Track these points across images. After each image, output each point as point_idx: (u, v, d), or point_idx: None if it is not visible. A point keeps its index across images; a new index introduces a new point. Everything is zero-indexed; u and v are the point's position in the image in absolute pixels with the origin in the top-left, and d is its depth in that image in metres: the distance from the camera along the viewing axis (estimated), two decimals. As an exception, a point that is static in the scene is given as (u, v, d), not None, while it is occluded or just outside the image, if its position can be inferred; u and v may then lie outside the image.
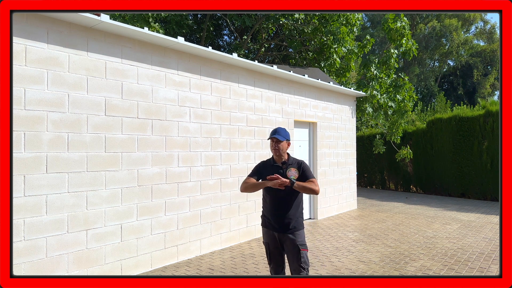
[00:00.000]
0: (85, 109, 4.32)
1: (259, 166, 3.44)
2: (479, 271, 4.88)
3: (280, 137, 3.27)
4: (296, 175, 3.24)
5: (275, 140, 3.30)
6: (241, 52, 12.21)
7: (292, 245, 3.21)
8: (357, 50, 12.36)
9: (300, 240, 3.23)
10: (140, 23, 10.34)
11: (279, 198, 3.25)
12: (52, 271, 3.98)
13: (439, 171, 12.43)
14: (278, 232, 3.26)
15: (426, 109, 21.83)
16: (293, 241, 3.21)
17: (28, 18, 3.85)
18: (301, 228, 3.29)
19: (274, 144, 3.31)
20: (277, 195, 3.24)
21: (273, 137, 3.30)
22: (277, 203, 3.26)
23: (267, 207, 3.34)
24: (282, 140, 3.29)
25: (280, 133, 3.30)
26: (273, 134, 3.32)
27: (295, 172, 3.25)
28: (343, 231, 7.24)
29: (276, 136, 3.27)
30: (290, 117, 7.63)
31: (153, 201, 5.04)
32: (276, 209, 3.27)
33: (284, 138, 3.30)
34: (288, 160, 3.37)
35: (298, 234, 3.25)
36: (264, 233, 3.40)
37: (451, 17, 32.25)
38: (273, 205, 3.28)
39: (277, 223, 3.25)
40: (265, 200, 3.38)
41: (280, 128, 3.34)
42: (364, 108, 11.26)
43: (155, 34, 4.75)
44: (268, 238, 3.34)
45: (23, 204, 3.77)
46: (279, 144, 3.30)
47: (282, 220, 3.23)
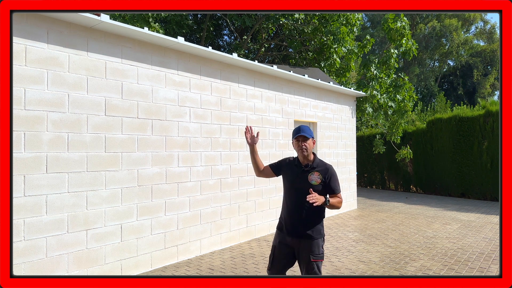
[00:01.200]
0: (85, 109, 4.32)
1: (283, 162, 3.22)
2: (479, 271, 4.88)
3: (306, 134, 3.01)
4: (318, 181, 2.97)
5: (301, 138, 3.02)
6: (241, 52, 12.21)
7: (304, 254, 2.97)
8: (357, 50, 12.36)
9: (314, 250, 2.96)
10: (140, 23, 10.34)
11: (298, 201, 2.98)
12: (52, 271, 3.98)
13: (439, 171, 12.43)
14: (292, 237, 3.01)
15: (426, 109, 21.83)
16: (306, 250, 2.96)
17: (28, 18, 3.85)
18: (318, 237, 3.00)
19: (300, 143, 3.02)
20: (297, 197, 2.99)
21: (299, 136, 3.02)
22: (295, 206, 3.01)
23: (285, 209, 3.11)
24: (309, 138, 3.03)
25: (306, 131, 3.03)
26: (298, 132, 3.04)
27: (317, 177, 2.98)
28: (343, 231, 7.24)
29: (302, 134, 3.01)
30: (290, 117, 7.63)
31: (153, 201, 5.04)
32: (293, 212, 3.02)
33: (310, 136, 3.04)
34: (313, 162, 3.07)
35: (314, 244, 2.98)
36: (276, 235, 3.18)
37: (451, 17, 32.26)
38: (291, 208, 3.04)
39: (293, 228, 3.01)
40: (285, 202, 3.14)
41: (304, 126, 3.08)
42: (364, 108, 11.26)
43: (155, 34, 4.75)
44: (277, 241, 3.11)
45: (23, 204, 3.77)
46: (305, 143, 3.01)
47: (298, 226, 2.99)
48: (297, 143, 3.05)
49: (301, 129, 3.05)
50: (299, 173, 3.04)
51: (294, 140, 3.08)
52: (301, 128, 3.07)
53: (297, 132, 3.06)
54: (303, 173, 3.02)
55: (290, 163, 3.18)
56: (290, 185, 3.09)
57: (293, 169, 3.09)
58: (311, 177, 2.99)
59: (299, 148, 3.04)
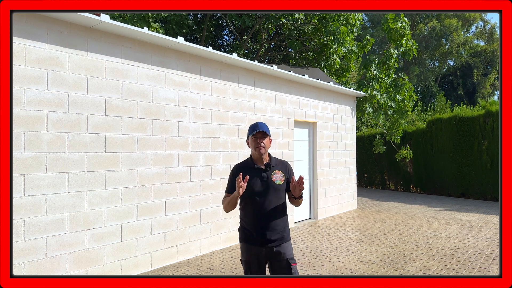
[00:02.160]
0: (85, 109, 4.32)
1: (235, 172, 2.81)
2: (479, 271, 4.88)
3: (266, 130, 2.75)
4: (282, 179, 2.77)
5: (259, 135, 2.74)
6: (241, 52, 12.21)
7: (280, 261, 2.73)
8: (357, 50, 12.36)
9: (289, 254, 2.77)
10: (140, 23, 10.34)
11: (264, 205, 2.71)
12: (52, 271, 3.98)
13: (439, 171, 12.43)
14: (263, 247, 2.72)
15: (426, 109, 21.84)
16: (282, 255, 2.73)
17: (28, 18, 3.85)
18: (288, 239, 2.82)
19: (258, 141, 2.73)
20: (262, 200, 2.71)
21: (258, 132, 2.73)
22: (262, 210, 2.71)
23: (249, 217, 2.78)
24: (267, 136, 2.77)
25: (264, 128, 2.75)
26: (255, 129, 2.74)
27: (280, 175, 2.78)
28: (343, 231, 7.24)
29: (261, 130, 2.72)
30: (290, 117, 7.63)
31: (153, 201, 5.04)
32: (260, 218, 2.72)
33: (268, 133, 2.78)
34: (271, 161, 2.83)
35: (286, 247, 2.76)
36: (244, 249, 2.80)
37: (451, 17, 32.26)
38: (257, 215, 2.73)
39: (262, 236, 2.71)
40: (245, 209, 2.80)
41: (261, 123, 2.79)
42: (364, 108, 11.26)
43: (155, 34, 4.75)
44: (250, 256, 2.77)
45: (23, 204, 3.77)
46: (264, 140, 2.74)
47: (268, 231, 2.71)
48: (255, 140, 2.75)
49: (259, 125, 2.76)
50: (261, 176, 2.76)
51: (251, 137, 2.77)
52: (259, 124, 2.77)
53: (254, 128, 2.75)
54: (265, 174, 2.77)
55: (244, 168, 2.80)
56: (252, 191, 2.72)
57: (252, 173, 2.76)
58: (275, 177, 2.76)
59: (256, 146, 2.73)
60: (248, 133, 2.81)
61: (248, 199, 2.76)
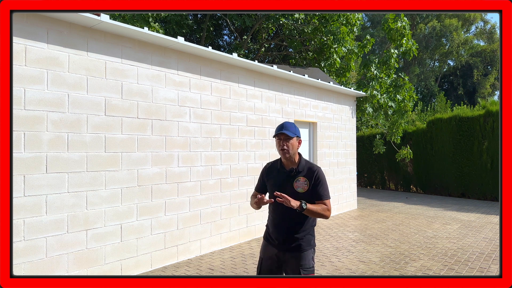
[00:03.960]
0: (85, 109, 4.32)
1: (263, 173, 2.79)
2: (479, 271, 4.88)
3: (289, 132, 2.53)
4: (305, 188, 2.54)
5: (282, 137, 2.55)
6: (241, 52, 12.21)
7: (292, 268, 2.60)
8: (357, 50, 12.36)
9: (304, 264, 2.58)
10: (140, 23, 10.34)
11: (282, 211, 2.58)
12: (52, 271, 3.98)
13: (439, 171, 12.43)
14: (278, 250, 2.63)
15: (426, 109, 21.84)
16: (295, 263, 2.59)
17: (28, 18, 3.85)
18: (308, 248, 2.61)
19: (281, 143, 2.56)
20: (281, 207, 2.54)
21: (280, 133, 2.55)
22: (281, 214, 2.60)
23: (270, 218, 2.72)
24: (292, 137, 2.56)
25: (289, 128, 2.55)
26: (279, 129, 2.56)
27: (303, 183, 2.55)
28: (343, 231, 7.24)
29: (284, 131, 2.53)
30: (290, 117, 7.63)
31: (153, 201, 5.04)
32: (279, 221, 2.62)
33: (294, 134, 2.56)
34: (299, 166, 2.61)
35: (303, 256, 2.58)
36: (262, 247, 2.78)
37: (451, 17, 32.26)
38: (275, 218, 2.65)
39: (278, 239, 2.62)
40: (269, 209, 2.75)
41: (287, 123, 2.60)
42: (364, 108, 11.26)
43: (155, 34, 4.75)
44: (265, 254, 2.73)
45: (23, 204, 3.77)
46: (287, 142, 2.55)
47: (285, 236, 2.60)
48: (278, 142, 2.59)
49: (283, 126, 2.58)
50: (283, 180, 2.63)
51: (275, 139, 2.61)
52: (284, 125, 2.59)
53: (279, 130, 2.58)
54: (288, 179, 2.61)
55: (271, 168, 2.75)
56: (274, 193, 2.58)
57: (276, 175, 2.67)
58: (297, 184, 2.57)
59: (280, 148, 2.58)
60: (274, 134, 2.65)
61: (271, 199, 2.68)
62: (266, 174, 2.78)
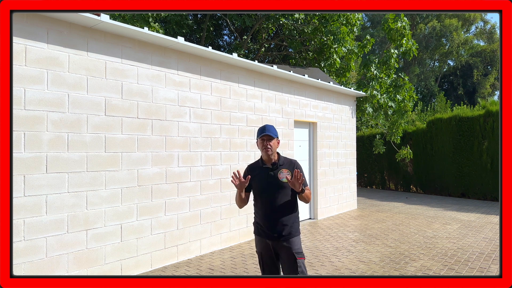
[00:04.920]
0: (85, 109, 4.32)
1: (247, 171, 3.14)
2: (479, 271, 4.88)
3: (271, 134, 2.99)
4: (288, 177, 2.93)
5: (266, 138, 3.00)
6: (241, 52, 12.21)
7: (287, 254, 2.95)
8: (357, 50, 12.36)
9: (297, 248, 2.97)
10: (140, 23, 10.34)
11: (272, 201, 2.96)
12: (52, 271, 3.98)
13: (439, 171, 12.43)
14: (272, 240, 2.97)
15: (426, 109, 21.84)
16: (288, 249, 2.94)
17: (28, 18, 3.85)
18: (297, 234, 3.02)
19: (265, 143, 2.99)
20: (270, 197, 2.96)
21: (264, 135, 2.99)
22: (270, 207, 2.97)
23: (259, 212, 3.05)
24: (274, 137, 3.02)
25: (271, 131, 3.00)
26: (263, 132, 3.01)
27: (287, 173, 2.95)
28: (343, 231, 7.24)
29: (267, 133, 2.97)
30: (290, 117, 7.63)
31: (153, 201, 5.04)
32: (269, 214, 2.98)
33: (275, 135, 3.03)
34: (279, 160, 3.06)
35: (294, 241, 2.98)
36: (256, 241, 3.11)
37: (451, 17, 32.26)
38: (266, 210, 2.99)
39: (271, 230, 2.96)
40: (257, 204, 3.08)
41: (269, 125, 3.04)
42: (364, 108, 11.26)
43: (155, 34, 4.75)
44: (261, 247, 3.06)
45: (23, 204, 3.77)
46: (270, 142, 3.00)
47: (276, 226, 2.95)
48: (262, 142, 3.02)
49: (266, 128, 3.02)
50: (267, 174, 3.01)
51: (258, 139, 3.05)
52: (266, 127, 3.03)
53: (262, 132, 3.02)
54: (272, 173, 3.01)
55: (254, 168, 3.13)
56: (260, 188, 3.01)
57: (261, 172, 3.05)
58: (281, 175, 2.95)
59: (263, 147, 3.00)
60: (257, 135, 3.08)
61: (257, 196, 3.05)
62: (250, 173, 3.11)
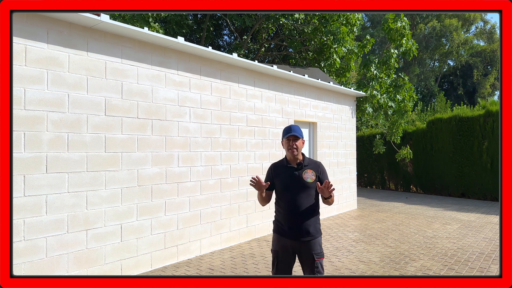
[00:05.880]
0: (85, 109, 4.32)
1: (271, 170, 3.16)
2: (479, 271, 4.88)
3: (297, 134, 3.02)
4: (313, 178, 2.98)
5: (292, 138, 3.02)
6: (241, 52, 12.21)
7: (307, 255, 2.97)
8: (357, 50, 12.36)
9: (316, 249, 2.98)
10: (140, 23, 10.34)
11: (294, 201, 2.96)
12: (52, 271, 3.98)
13: (439, 171, 12.43)
14: (292, 240, 2.98)
15: (426, 109, 21.83)
16: (308, 250, 2.96)
17: (28, 18, 3.85)
18: (318, 235, 3.02)
19: (291, 143, 3.02)
20: (293, 197, 2.97)
21: (290, 135, 3.01)
22: (292, 206, 2.97)
23: (281, 211, 3.05)
24: (299, 138, 3.04)
25: (296, 131, 3.03)
26: (289, 132, 3.03)
27: (311, 174, 2.99)
28: (343, 231, 7.24)
29: (293, 133, 3.00)
30: (290, 117, 7.63)
31: (153, 201, 5.04)
32: (291, 213, 2.97)
33: (301, 136, 3.05)
34: (304, 161, 3.08)
35: (314, 242, 2.98)
36: (274, 239, 3.10)
37: (451, 17, 32.25)
38: (288, 209, 2.98)
39: (292, 230, 2.96)
40: (278, 204, 3.08)
41: (294, 126, 3.07)
42: (364, 108, 11.26)
43: (155, 34, 4.75)
44: (279, 246, 3.05)
45: (23, 204, 3.77)
46: (296, 143, 3.02)
47: (297, 227, 2.95)
48: (288, 142, 3.04)
49: (292, 128, 3.04)
50: (292, 173, 3.02)
51: (284, 139, 3.07)
52: (292, 127, 3.05)
53: (288, 132, 3.04)
54: (297, 172, 3.02)
55: (279, 166, 3.13)
56: (284, 187, 3.03)
57: (285, 171, 3.06)
58: (306, 175, 2.98)
59: (289, 148, 3.02)
60: (282, 135, 3.10)
61: (280, 195, 3.06)
62: (274, 172, 3.13)
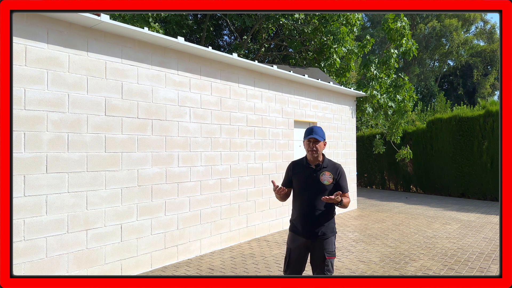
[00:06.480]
0: (85, 109, 4.32)
1: (289, 169, 3.21)
2: (479, 271, 4.88)
3: (318, 137, 3.01)
4: (330, 180, 2.99)
5: (312, 140, 3.03)
6: (241, 52, 12.21)
7: (319, 253, 3.03)
8: (357, 50, 12.36)
9: (329, 248, 3.03)
10: (140, 23, 10.34)
11: (310, 201, 3.01)
12: (52, 271, 3.98)
13: (439, 171, 12.43)
14: (306, 239, 3.04)
15: (426, 109, 21.83)
16: (321, 249, 3.01)
17: (28, 18, 3.84)
18: (332, 235, 3.07)
19: (312, 145, 3.03)
20: (309, 197, 3.02)
21: (311, 137, 3.02)
22: (308, 206, 3.02)
23: (296, 210, 3.11)
24: (320, 140, 3.04)
25: (318, 133, 3.04)
26: (310, 133, 3.04)
27: (329, 176, 3.01)
28: (343, 231, 7.24)
29: (314, 136, 3.01)
30: (290, 117, 7.63)
31: (153, 201, 5.04)
32: (306, 213, 3.03)
33: (322, 138, 3.04)
34: (323, 162, 3.09)
35: (328, 242, 3.03)
36: (289, 237, 3.17)
37: (451, 17, 32.25)
38: (304, 209, 3.04)
39: (306, 229, 3.02)
40: (295, 202, 3.14)
41: (317, 127, 3.08)
42: (364, 108, 11.26)
43: (155, 34, 4.75)
44: (293, 244, 3.11)
45: (23, 204, 3.77)
46: (317, 145, 3.03)
47: (312, 226, 3.01)
48: (308, 143, 3.06)
49: (313, 130, 3.05)
50: (310, 174, 3.05)
51: (305, 140, 3.08)
52: (314, 129, 3.06)
53: (309, 133, 3.05)
54: (315, 173, 3.05)
55: (298, 165, 3.17)
56: (301, 187, 3.07)
57: (304, 170, 3.10)
58: (323, 177, 3.01)
59: (309, 149, 3.04)
60: (304, 136, 3.12)
61: (297, 194, 3.11)
62: (293, 170, 3.18)
